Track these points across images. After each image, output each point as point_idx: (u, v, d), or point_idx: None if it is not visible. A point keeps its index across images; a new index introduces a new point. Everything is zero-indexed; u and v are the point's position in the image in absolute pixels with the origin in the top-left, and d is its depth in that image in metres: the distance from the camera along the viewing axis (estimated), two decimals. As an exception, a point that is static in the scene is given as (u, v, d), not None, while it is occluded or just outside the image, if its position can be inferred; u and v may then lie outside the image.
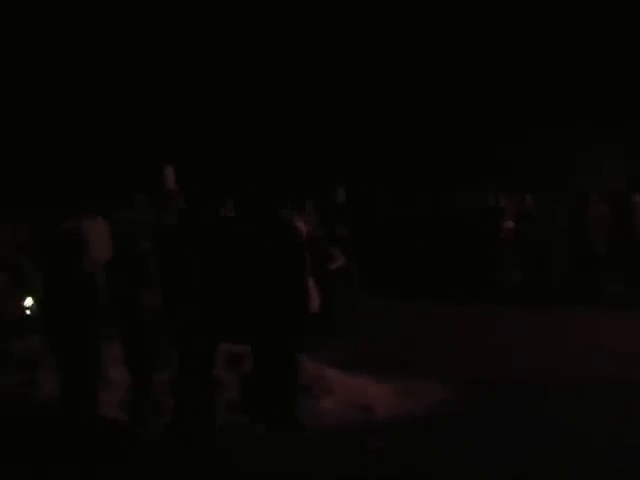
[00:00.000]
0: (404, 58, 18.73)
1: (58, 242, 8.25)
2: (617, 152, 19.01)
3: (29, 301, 9.07)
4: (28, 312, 9.20)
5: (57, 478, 7.12)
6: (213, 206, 9.52)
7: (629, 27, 18.22)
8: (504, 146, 18.73)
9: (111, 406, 8.45)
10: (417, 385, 9.44)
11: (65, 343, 8.03)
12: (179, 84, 18.61)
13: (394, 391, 9.28)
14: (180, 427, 8.00)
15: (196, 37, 18.71)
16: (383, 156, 18.88)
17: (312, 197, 15.39)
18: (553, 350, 11.34)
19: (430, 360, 10.59)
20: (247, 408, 8.38)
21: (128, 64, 18.58)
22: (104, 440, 7.84)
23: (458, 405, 8.89)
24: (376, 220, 17.34)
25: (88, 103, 17.85)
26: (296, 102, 18.82)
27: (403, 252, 16.81)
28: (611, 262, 16.05)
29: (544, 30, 18.35)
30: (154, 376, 8.10)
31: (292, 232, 8.32)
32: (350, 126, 18.70)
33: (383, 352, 11.03)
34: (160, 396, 8.17)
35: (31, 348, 9.15)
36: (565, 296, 15.24)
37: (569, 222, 16.25)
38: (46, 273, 8.42)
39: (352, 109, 18.72)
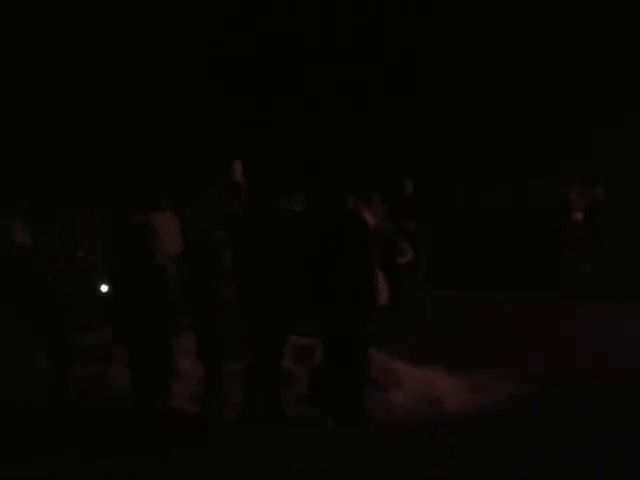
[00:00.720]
0: (479, 43, 18.48)
1: (128, 236, 8.34)
2: None
3: (104, 288, 9.15)
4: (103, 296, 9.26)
5: (131, 469, 7.21)
6: (280, 199, 9.54)
7: None
8: (582, 133, 18.33)
9: (182, 398, 8.53)
10: (487, 379, 9.34)
11: (137, 336, 8.13)
12: (248, 81, 18.64)
13: (464, 385, 9.22)
14: (250, 419, 8.05)
15: (263, 33, 18.74)
16: (452, 148, 18.69)
17: (380, 190, 15.34)
18: (627, 345, 11.11)
19: (500, 354, 10.45)
20: (316, 401, 8.39)
21: (213, 59, 18.66)
22: (176, 432, 7.93)
23: (529, 401, 8.76)
24: (445, 213, 17.22)
25: (158, 98, 17.97)
26: (363, 93, 18.74)
27: (472, 245, 16.68)
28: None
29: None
30: (225, 368, 8.14)
31: (359, 225, 8.31)
32: (419, 117, 18.55)
33: (452, 346, 10.94)
34: (231, 388, 8.21)
35: (103, 340, 9.27)
36: (636, 289, 14.96)
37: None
38: (117, 267, 8.54)
39: (421, 100, 18.56)
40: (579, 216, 16.21)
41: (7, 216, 13.46)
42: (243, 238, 8.27)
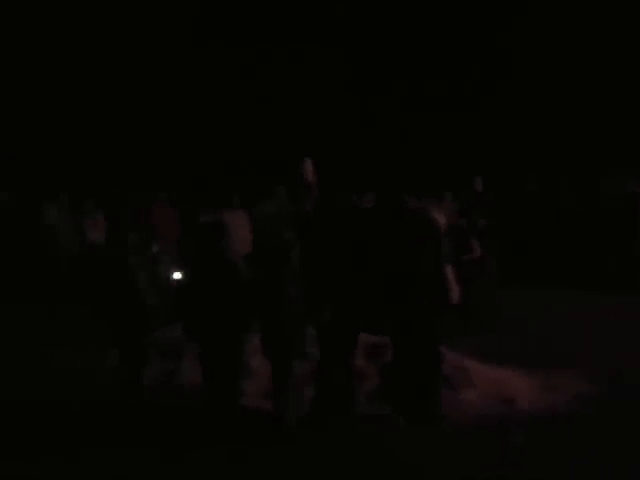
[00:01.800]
0: (550, 41, 18.30)
1: (200, 235, 8.38)
2: None
3: (177, 275, 9.20)
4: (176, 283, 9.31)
5: (201, 466, 7.25)
6: (350, 198, 9.51)
7: None
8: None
9: (253, 396, 8.56)
10: (562, 379, 9.21)
11: (208, 334, 8.16)
12: (321, 82, 18.66)
13: (537, 385, 9.10)
14: (321, 417, 8.05)
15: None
16: (522, 145, 18.54)
17: (451, 188, 15.27)
18: None
19: (573, 353, 10.31)
20: (387, 399, 8.36)
21: (277, 57, 18.74)
22: (247, 429, 7.95)
23: (602, 401, 8.62)
24: (515, 210, 17.04)
25: (232, 95, 18.08)
26: (434, 91, 18.66)
27: (543, 242, 16.48)
28: None
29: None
30: (296, 366, 8.13)
31: (430, 223, 8.26)
32: (489, 114, 18.43)
33: (524, 344, 10.83)
34: (301, 386, 8.21)
35: (175, 337, 9.32)
36: None
37: None
38: (189, 265, 8.60)
39: (492, 98, 18.44)
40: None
41: (78, 214, 13.72)
42: (313, 237, 8.27)
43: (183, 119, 17.95)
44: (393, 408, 8.18)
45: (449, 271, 8.26)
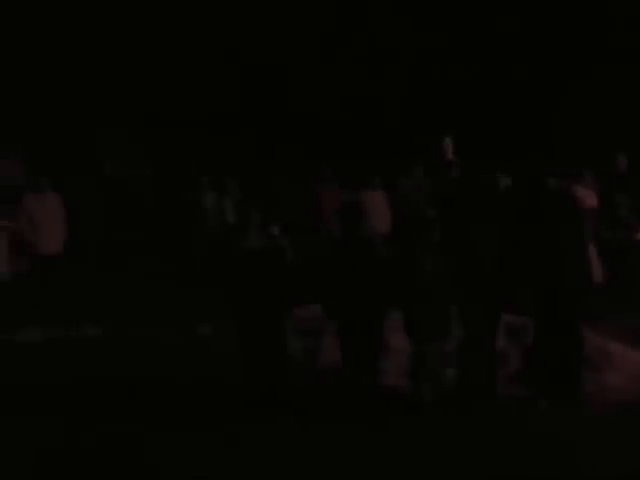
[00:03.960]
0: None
1: (341, 214, 8.42)
2: None
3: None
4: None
5: (338, 442, 7.30)
6: (491, 176, 9.42)
7: None
8: None
9: (391, 374, 8.57)
10: None
11: (347, 312, 8.19)
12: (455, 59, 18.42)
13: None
14: (461, 397, 8.00)
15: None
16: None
17: (593, 166, 14.90)
18: None
19: None
20: (528, 380, 8.25)
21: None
22: (384, 408, 7.97)
23: None
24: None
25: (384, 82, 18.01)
26: (575, 65, 18.19)
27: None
28: None
29: None
30: (436, 345, 8.09)
31: (572, 203, 8.11)
32: (631, 90, 17.84)
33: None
34: (440, 365, 8.17)
35: (314, 316, 9.38)
36: None
37: None
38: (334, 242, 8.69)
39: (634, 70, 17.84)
40: None
41: (220, 196, 13.92)
42: (454, 214, 8.21)
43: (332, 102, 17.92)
44: (534, 391, 8.06)
45: (592, 251, 8.09)
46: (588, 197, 11.68)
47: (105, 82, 16.40)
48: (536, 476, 6.65)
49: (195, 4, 17.20)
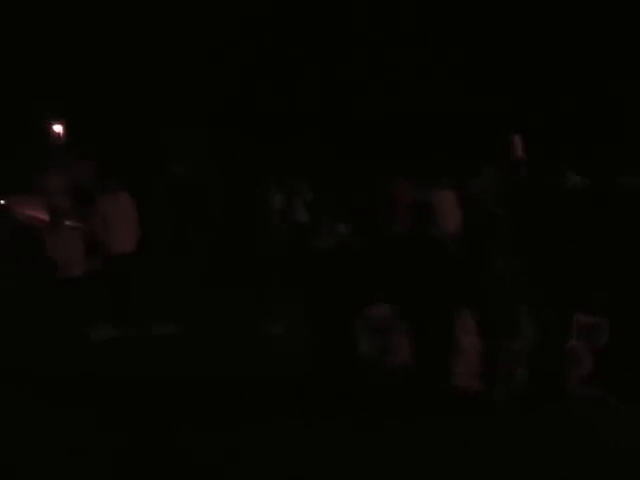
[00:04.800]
0: None
1: (413, 212, 8.42)
2: None
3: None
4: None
5: (403, 442, 7.28)
6: (562, 175, 9.34)
7: None
8: None
9: (462, 374, 8.51)
10: None
11: (420, 312, 8.19)
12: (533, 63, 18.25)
13: None
14: (532, 397, 7.94)
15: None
16: None
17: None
18: None
19: None
20: (601, 381, 8.16)
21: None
22: (454, 408, 7.93)
23: None
24: None
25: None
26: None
27: None
28: None
29: None
30: (507, 345, 8.04)
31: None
32: None
33: None
34: (512, 365, 8.11)
35: (386, 315, 9.36)
36: None
37: None
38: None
39: None
40: None
41: (289, 196, 13.97)
42: (524, 213, 8.16)
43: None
44: (607, 390, 7.97)
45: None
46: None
47: (174, 84, 16.57)
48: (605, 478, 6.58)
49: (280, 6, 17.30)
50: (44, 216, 12.66)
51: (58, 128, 16.02)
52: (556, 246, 7.93)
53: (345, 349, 8.63)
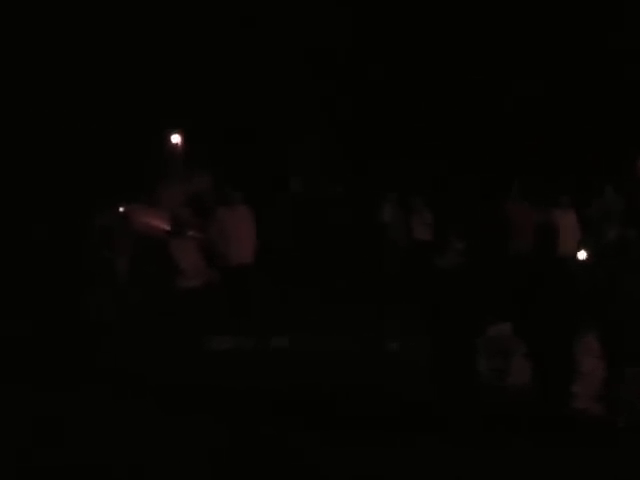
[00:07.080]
0: None
1: (536, 232, 8.35)
2: None
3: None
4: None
5: (518, 464, 7.18)
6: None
7: None
8: None
9: (585, 399, 8.37)
10: None
11: (539, 333, 8.10)
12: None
13: None
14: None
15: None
16: None
17: None
18: None
19: None
20: None
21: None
22: (573, 431, 7.81)
23: None
24: None
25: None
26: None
27: None
28: None
29: None
30: (633, 369, 7.90)
31: None
32: None
33: None
34: (636, 391, 7.96)
35: (505, 335, 9.30)
36: None
37: None
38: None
39: None
40: None
41: (407, 212, 14.04)
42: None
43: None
44: None
45: None
46: None
47: (296, 101, 16.72)
48: None
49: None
50: (164, 225, 12.86)
51: (176, 139, 16.26)
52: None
53: (464, 367, 8.58)
